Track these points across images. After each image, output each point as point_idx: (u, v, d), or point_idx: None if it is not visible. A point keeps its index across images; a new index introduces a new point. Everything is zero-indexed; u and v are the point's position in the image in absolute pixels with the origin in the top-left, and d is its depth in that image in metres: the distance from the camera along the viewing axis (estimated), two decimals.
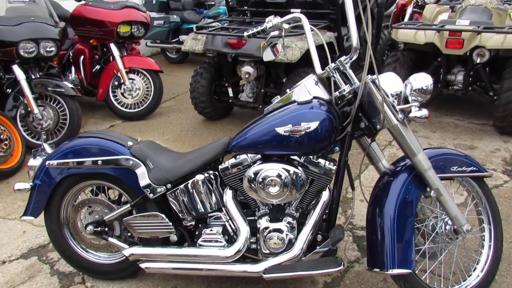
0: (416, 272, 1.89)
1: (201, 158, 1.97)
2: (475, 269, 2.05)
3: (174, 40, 7.04)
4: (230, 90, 4.44)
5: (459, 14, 4.43)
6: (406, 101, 1.80)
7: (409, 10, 5.88)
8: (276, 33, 2.11)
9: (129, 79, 4.70)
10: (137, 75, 4.76)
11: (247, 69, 4.02)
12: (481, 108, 4.76)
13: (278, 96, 1.97)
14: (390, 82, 1.82)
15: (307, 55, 3.67)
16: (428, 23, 4.45)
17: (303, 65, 3.88)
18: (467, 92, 4.39)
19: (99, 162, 2.01)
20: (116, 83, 4.72)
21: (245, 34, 2.15)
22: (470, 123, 4.41)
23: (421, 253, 1.96)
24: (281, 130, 1.76)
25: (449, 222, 1.94)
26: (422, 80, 1.76)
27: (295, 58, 3.63)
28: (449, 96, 4.94)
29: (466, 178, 2.03)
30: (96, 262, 2.27)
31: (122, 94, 4.76)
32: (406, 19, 5.76)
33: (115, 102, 4.79)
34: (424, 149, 1.87)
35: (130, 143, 2.06)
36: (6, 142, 3.60)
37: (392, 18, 6.21)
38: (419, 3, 5.87)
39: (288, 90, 1.94)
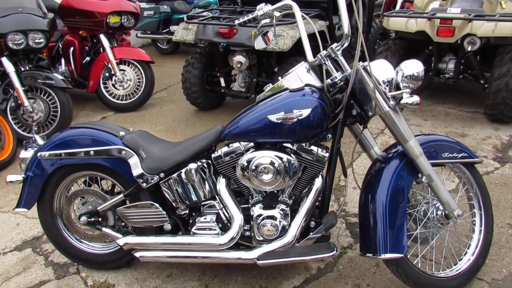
0: (408, 256, 1.92)
1: (194, 147, 1.96)
2: (466, 253, 2.09)
3: (165, 31, 6.99)
4: (222, 80, 4.42)
5: (450, 2, 4.44)
6: (397, 88, 1.81)
7: None
8: (267, 21, 2.10)
9: (120, 70, 4.66)
10: (128, 66, 4.73)
11: (239, 58, 4.00)
12: (472, 96, 4.79)
13: (270, 84, 1.97)
14: (381, 69, 1.83)
15: (298, 44, 3.67)
16: (419, 12, 4.46)
17: (295, 54, 3.87)
18: (458, 81, 4.42)
19: (91, 152, 2.00)
20: (107, 74, 4.67)
21: (236, 22, 2.14)
22: (461, 111, 4.45)
23: (413, 238, 1.99)
24: (273, 117, 1.77)
25: (441, 207, 1.97)
26: (413, 66, 1.77)
27: (286, 47, 3.62)
28: (440, 84, 4.97)
29: (457, 164, 2.05)
30: (91, 252, 2.27)
31: (113, 85, 4.73)
32: (398, 7, 5.75)
33: (106, 94, 4.75)
34: (415, 136, 1.88)
35: (122, 133, 2.05)
36: None
37: (384, 7, 6.20)
38: None
39: (280, 78, 1.94)
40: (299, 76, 1.89)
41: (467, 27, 3.89)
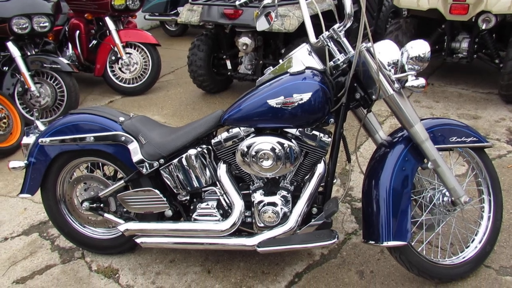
0: (414, 243, 1.88)
1: (194, 133, 1.93)
2: (473, 240, 2.04)
3: (173, 12, 6.90)
4: (228, 63, 4.35)
5: None
6: (403, 69, 1.73)
7: None
8: (269, 1, 2.03)
9: (126, 53, 4.63)
10: (134, 49, 4.68)
11: (245, 40, 3.93)
12: (487, 77, 4.64)
13: (271, 67, 1.91)
14: (386, 50, 1.75)
15: None
16: None
17: (302, 34, 3.76)
18: (472, 60, 4.27)
19: (91, 138, 1.99)
20: (113, 58, 4.64)
21: (237, 3, 2.08)
22: (475, 92, 4.31)
23: (418, 224, 1.95)
24: (272, 102, 1.71)
25: (447, 193, 1.91)
26: (419, 47, 1.68)
27: (292, 28, 3.53)
28: (454, 64, 4.83)
29: (466, 149, 1.98)
30: (94, 237, 2.28)
31: (119, 69, 4.70)
32: None
33: (113, 77, 4.73)
34: (422, 120, 1.81)
35: (122, 119, 2.03)
36: (4, 120, 3.58)
37: None
38: None
39: (280, 61, 1.88)
40: (300, 59, 1.82)
41: (482, 4, 3.73)
